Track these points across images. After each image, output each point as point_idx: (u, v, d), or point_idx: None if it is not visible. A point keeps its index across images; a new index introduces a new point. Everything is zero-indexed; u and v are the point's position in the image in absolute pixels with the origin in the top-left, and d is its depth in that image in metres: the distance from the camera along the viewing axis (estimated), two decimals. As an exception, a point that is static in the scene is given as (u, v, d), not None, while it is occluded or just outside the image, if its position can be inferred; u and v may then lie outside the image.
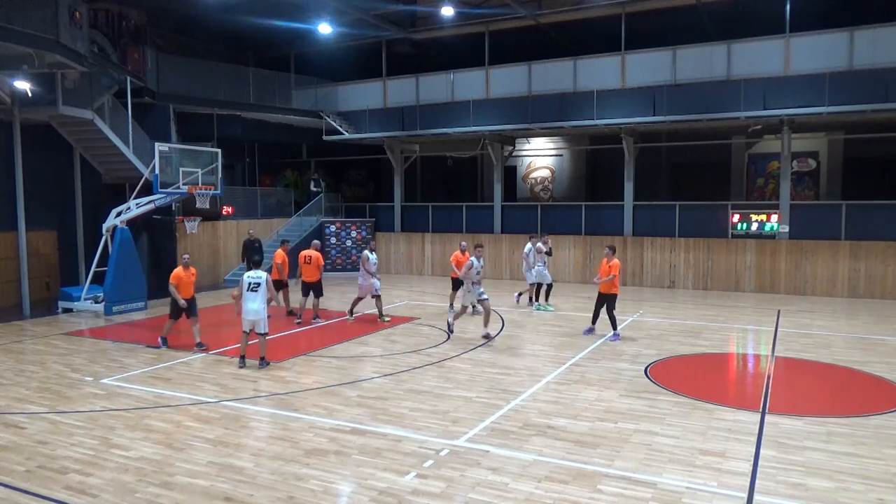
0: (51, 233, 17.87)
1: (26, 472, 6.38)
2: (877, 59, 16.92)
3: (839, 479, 6.12)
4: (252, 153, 25.70)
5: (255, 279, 10.17)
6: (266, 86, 23.01)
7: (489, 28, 22.08)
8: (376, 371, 10.13)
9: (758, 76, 18.10)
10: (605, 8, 20.11)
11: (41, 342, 12.52)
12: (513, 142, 24.20)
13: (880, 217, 17.77)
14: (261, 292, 10.12)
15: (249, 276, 10.24)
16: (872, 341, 12.32)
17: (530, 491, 5.88)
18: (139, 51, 18.77)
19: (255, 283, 10.14)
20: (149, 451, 6.90)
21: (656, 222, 20.48)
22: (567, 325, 13.83)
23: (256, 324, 10.19)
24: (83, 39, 14.24)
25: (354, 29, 22.53)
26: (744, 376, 10.65)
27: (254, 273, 10.27)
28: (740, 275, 19.07)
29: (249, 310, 10.11)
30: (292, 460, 6.62)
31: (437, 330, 13.36)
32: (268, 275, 10.36)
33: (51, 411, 8.27)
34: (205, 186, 16.75)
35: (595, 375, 9.80)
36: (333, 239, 23.92)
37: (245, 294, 10.12)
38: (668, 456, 6.66)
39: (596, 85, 20.04)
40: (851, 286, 17.79)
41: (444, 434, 7.33)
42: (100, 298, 15.57)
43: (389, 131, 23.08)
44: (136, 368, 10.42)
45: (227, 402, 8.59)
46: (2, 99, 15.04)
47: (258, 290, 10.11)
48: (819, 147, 22.08)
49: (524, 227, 22.32)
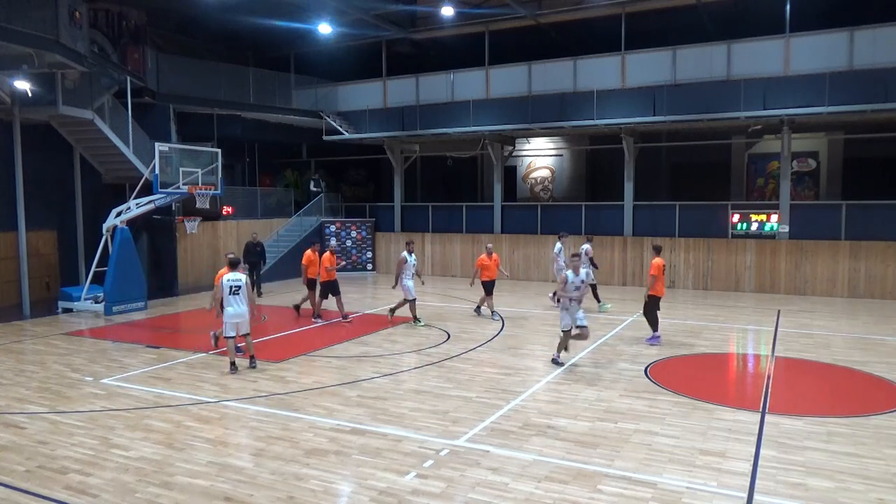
0: (51, 233, 17.87)
1: (26, 472, 6.38)
2: (877, 59, 16.92)
3: (839, 479, 6.12)
4: (252, 153, 25.70)
5: (236, 281, 9.95)
6: (266, 86, 23.01)
7: (489, 28, 22.08)
8: (376, 371, 10.13)
9: (758, 76, 18.10)
10: (605, 8, 20.11)
11: (41, 342, 12.52)
12: (513, 142, 24.20)
13: (880, 217, 17.77)
14: (242, 294, 9.97)
15: (229, 278, 9.96)
16: (872, 341, 12.32)
17: (530, 491, 5.88)
18: (139, 51, 18.76)
19: (236, 285, 9.94)
20: (149, 451, 6.90)
21: (656, 222, 20.48)
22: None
23: (241, 326, 10.04)
24: (83, 39, 14.23)
25: (354, 29, 22.53)
26: (744, 376, 10.65)
27: (232, 275, 10.00)
28: (740, 275, 19.06)
29: (234, 313, 9.91)
30: (292, 460, 6.62)
31: (437, 330, 13.36)
32: (246, 276, 10.25)
33: (51, 411, 8.27)
34: (205, 186, 16.76)
35: (595, 375, 9.80)
36: (333, 239, 23.90)
37: (227, 298, 9.88)
38: (668, 456, 6.66)
39: (596, 85, 20.04)
40: (851, 286, 17.79)
41: (444, 434, 7.33)
42: (100, 298, 15.57)
43: (389, 131, 23.08)
44: (136, 368, 10.42)
45: (227, 402, 8.59)
46: (2, 99, 15.04)
47: (240, 292, 9.94)
48: (819, 147, 22.08)
49: (524, 227, 22.33)
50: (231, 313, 9.90)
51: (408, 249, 14.40)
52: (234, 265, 10.17)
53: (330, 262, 14.16)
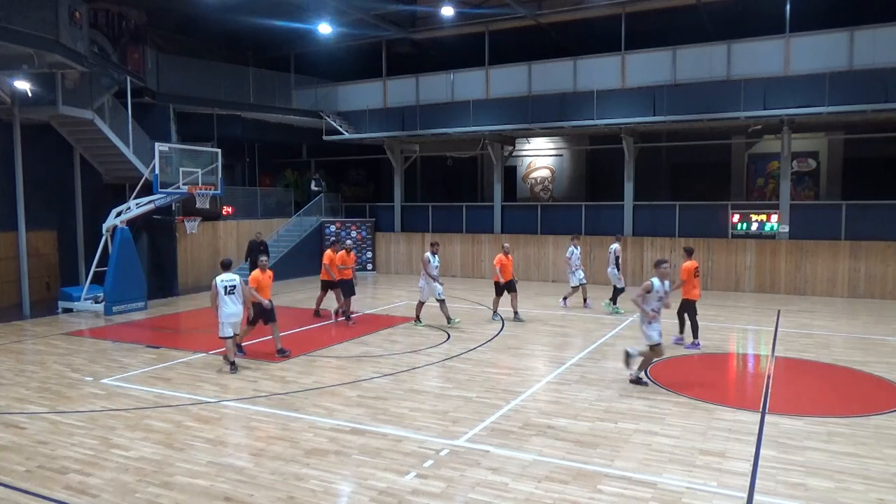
0: (51, 233, 17.87)
1: (26, 472, 6.38)
2: (877, 59, 16.91)
3: (839, 479, 6.11)
4: (252, 153, 25.71)
5: (230, 282, 10.07)
6: (266, 86, 23.02)
7: (489, 28, 22.08)
8: (376, 371, 10.13)
9: (758, 76, 18.10)
10: (605, 8, 20.11)
11: (41, 342, 12.52)
12: (513, 142, 24.19)
13: (880, 217, 17.77)
14: (237, 294, 10.08)
15: (223, 279, 10.05)
16: (872, 341, 12.32)
17: (530, 491, 5.88)
18: (139, 51, 18.77)
19: (231, 285, 10.05)
20: (149, 451, 6.90)
21: (656, 222, 20.48)
22: (567, 326, 13.82)
23: (237, 325, 10.20)
24: (83, 39, 14.23)
25: (354, 29, 22.53)
26: (744, 376, 10.65)
27: (226, 276, 10.13)
28: (740, 275, 19.06)
29: (232, 313, 10.01)
30: (292, 460, 6.62)
31: (437, 330, 13.36)
32: (240, 277, 10.36)
33: (51, 411, 8.27)
34: (205, 186, 16.76)
35: (595, 375, 9.80)
36: (333, 239, 23.89)
37: (223, 298, 9.96)
38: (668, 456, 6.66)
39: (596, 85, 20.03)
40: (851, 286, 17.79)
41: (444, 434, 7.33)
42: (100, 298, 15.56)
43: (389, 131, 23.08)
44: (136, 368, 10.42)
45: (227, 402, 8.60)
46: (2, 99, 15.03)
47: (235, 291, 10.06)
48: (819, 147, 22.09)
49: (524, 227, 22.32)
50: (227, 313, 9.98)
51: (432, 251, 13.81)
52: (227, 267, 10.44)
53: (342, 261, 14.06)
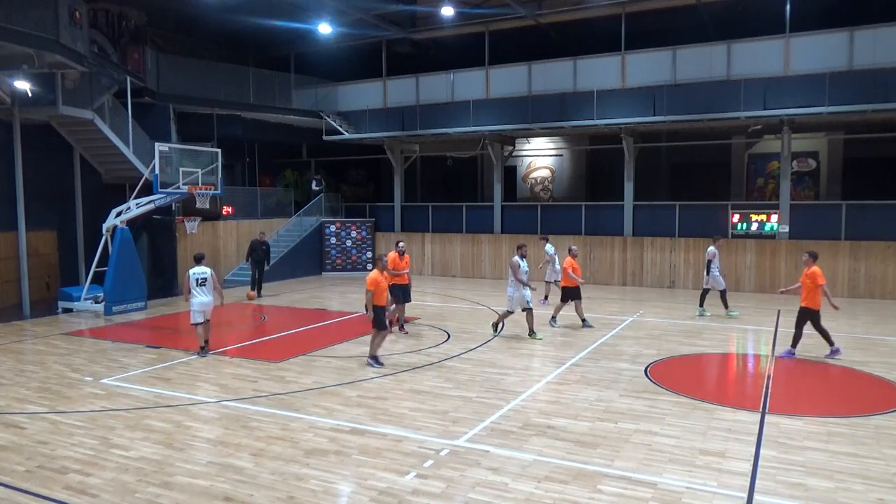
0: (51, 233, 17.87)
1: (26, 472, 6.38)
2: (877, 59, 16.92)
3: (839, 479, 6.11)
4: (252, 153, 25.69)
5: (201, 274, 11.08)
6: (266, 86, 23.02)
7: (489, 28, 22.08)
8: (376, 371, 10.13)
9: (758, 76, 18.10)
10: (605, 8, 20.12)
11: (41, 342, 12.52)
12: (513, 142, 24.19)
13: (880, 217, 17.77)
14: (208, 285, 11.09)
15: (195, 272, 11.05)
16: (872, 341, 12.32)
17: (530, 491, 5.88)
18: (139, 51, 18.78)
19: (202, 277, 11.06)
20: (149, 451, 6.90)
21: (656, 222, 20.48)
22: (567, 326, 13.82)
23: (206, 312, 11.12)
24: (83, 39, 14.24)
25: (354, 29, 22.54)
26: (744, 376, 10.65)
27: (198, 269, 11.13)
28: (740, 275, 19.06)
29: (203, 302, 11.02)
30: (292, 460, 6.62)
31: (436, 330, 13.36)
32: (211, 269, 11.34)
33: (51, 411, 8.27)
34: (205, 186, 16.76)
35: (595, 375, 9.80)
36: (333, 239, 23.92)
37: (195, 289, 10.99)
38: (668, 456, 6.66)
39: (596, 85, 20.04)
40: (851, 286, 17.79)
41: (444, 434, 7.33)
42: (100, 298, 15.56)
43: (389, 131, 23.08)
44: (136, 368, 10.42)
45: (227, 402, 8.59)
46: (2, 99, 15.04)
47: (206, 283, 11.07)
48: (819, 147, 22.08)
49: (524, 227, 22.32)
50: (197, 302, 11.01)
51: (520, 253, 12.39)
52: (199, 260, 11.41)
53: (394, 265, 12.66)
